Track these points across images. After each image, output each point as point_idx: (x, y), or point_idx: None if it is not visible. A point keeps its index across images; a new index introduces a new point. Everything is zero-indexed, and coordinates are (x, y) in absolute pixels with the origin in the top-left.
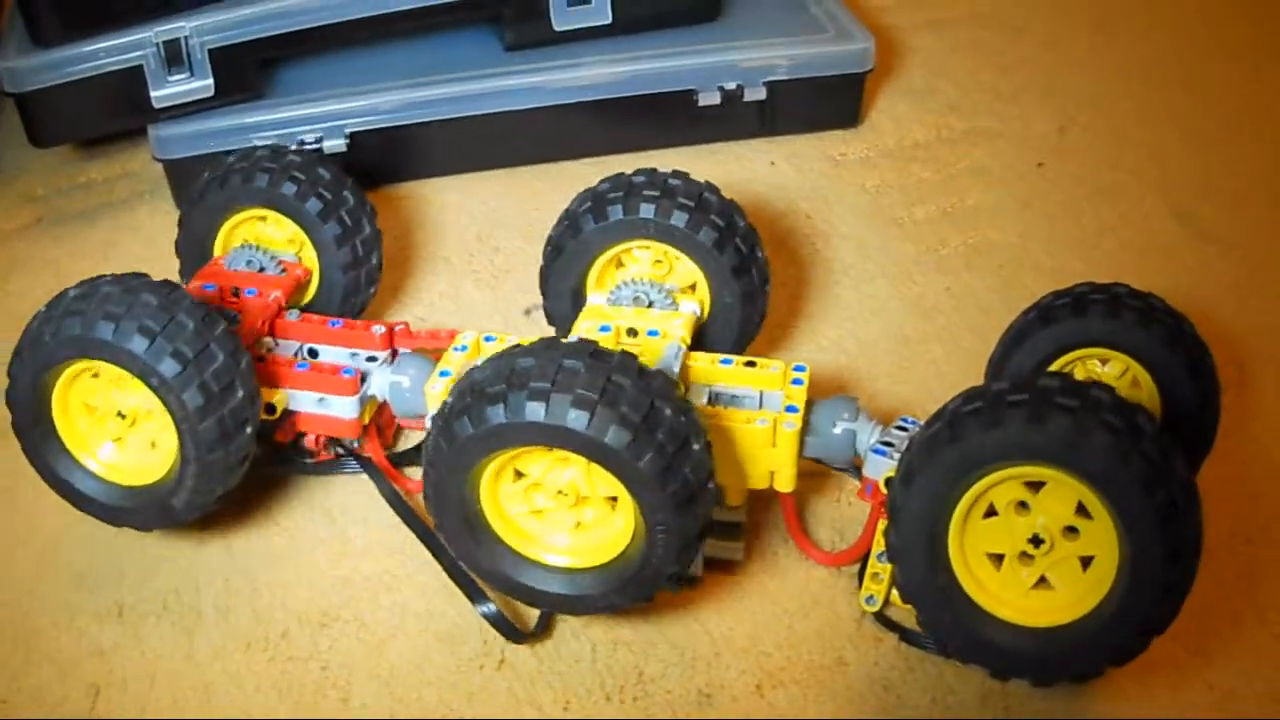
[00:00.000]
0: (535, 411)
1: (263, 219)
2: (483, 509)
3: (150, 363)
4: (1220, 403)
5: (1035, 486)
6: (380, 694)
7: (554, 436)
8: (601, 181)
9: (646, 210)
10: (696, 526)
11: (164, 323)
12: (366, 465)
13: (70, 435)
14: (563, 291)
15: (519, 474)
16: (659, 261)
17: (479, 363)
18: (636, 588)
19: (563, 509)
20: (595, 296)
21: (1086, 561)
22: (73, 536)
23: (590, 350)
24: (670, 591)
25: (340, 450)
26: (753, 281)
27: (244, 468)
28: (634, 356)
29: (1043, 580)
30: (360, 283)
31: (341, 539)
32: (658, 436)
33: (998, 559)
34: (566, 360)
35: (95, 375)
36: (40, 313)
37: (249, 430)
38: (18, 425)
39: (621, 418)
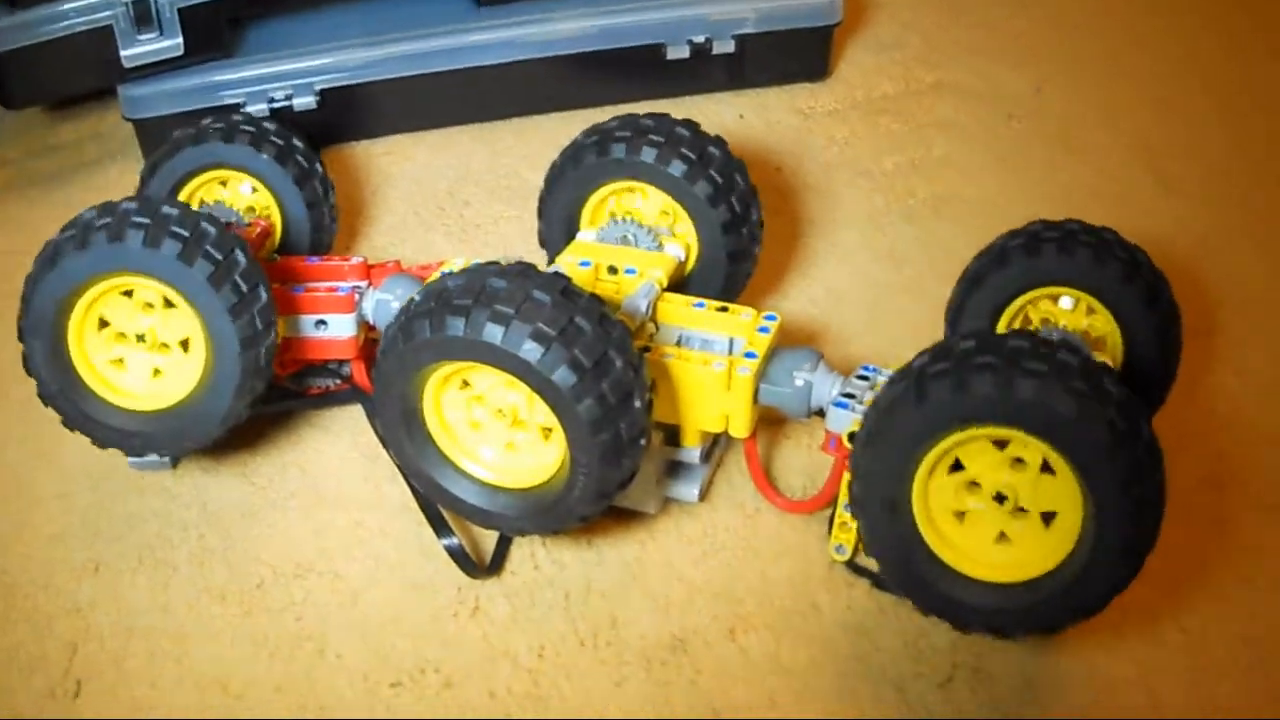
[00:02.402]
0: (493, 333)
1: (223, 183)
2: (423, 408)
3: (186, 266)
4: (1181, 331)
5: (1001, 444)
6: (356, 644)
7: (505, 361)
8: (611, 119)
9: (647, 154)
10: (618, 478)
11: (191, 229)
12: (359, 393)
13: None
14: (557, 219)
15: (466, 383)
16: (656, 206)
17: (457, 272)
18: (548, 519)
19: (499, 427)
20: (586, 233)
21: (1049, 518)
22: (49, 496)
23: (562, 287)
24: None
25: (329, 384)
26: (742, 240)
27: (270, 370)
28: (601, 301)
29: (1005, 536)
30: (323, 229)
31: (314, 492)
32: (602, 385)
33: (961, 515)
34: (536, 291)
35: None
36: (60, 234)
37: (273, 333)
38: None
39: (573, 360)
